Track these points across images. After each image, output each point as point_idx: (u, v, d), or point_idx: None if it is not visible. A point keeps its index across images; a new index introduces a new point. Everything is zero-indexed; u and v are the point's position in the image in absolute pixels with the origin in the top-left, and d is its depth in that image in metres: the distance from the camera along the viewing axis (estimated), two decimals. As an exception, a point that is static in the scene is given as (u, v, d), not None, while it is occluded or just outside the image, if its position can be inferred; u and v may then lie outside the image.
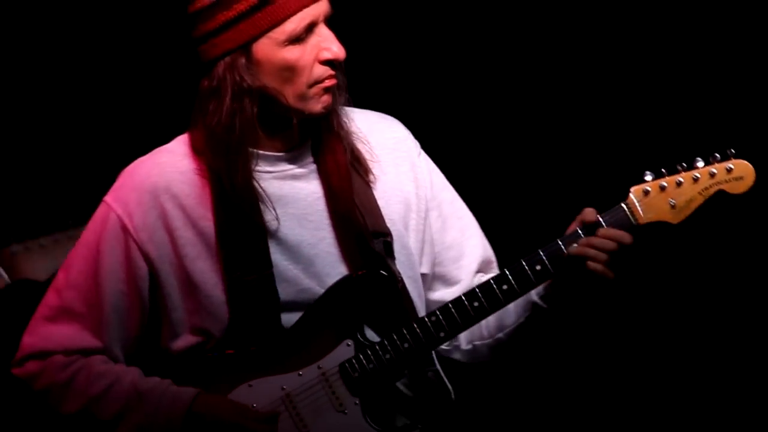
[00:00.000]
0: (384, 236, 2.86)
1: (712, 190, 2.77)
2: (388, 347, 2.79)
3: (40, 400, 2.84)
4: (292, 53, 2.75)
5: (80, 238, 2.86)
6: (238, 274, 2.79)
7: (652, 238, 2.88)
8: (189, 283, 2.81)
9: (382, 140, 2.94)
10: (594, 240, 2.75)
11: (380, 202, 2.89)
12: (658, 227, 2.80)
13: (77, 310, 2.83)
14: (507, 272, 2.79)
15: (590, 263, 2.73)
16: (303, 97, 2.78)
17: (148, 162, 2.85)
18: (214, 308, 2.80)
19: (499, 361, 2.96)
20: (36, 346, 2.85)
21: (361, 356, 2.79)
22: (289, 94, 2.77)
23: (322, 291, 2.81)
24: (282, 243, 2.83)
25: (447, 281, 2.97)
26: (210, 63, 2.78)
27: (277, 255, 2.82)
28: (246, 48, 2.75)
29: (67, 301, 2.84)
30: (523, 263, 2.79)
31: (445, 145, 3.49)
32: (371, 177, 2.89)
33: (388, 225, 2.87)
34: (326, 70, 2.77)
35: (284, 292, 2.81)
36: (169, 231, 2.81)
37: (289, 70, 2.76)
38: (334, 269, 2.84)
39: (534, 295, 2.83)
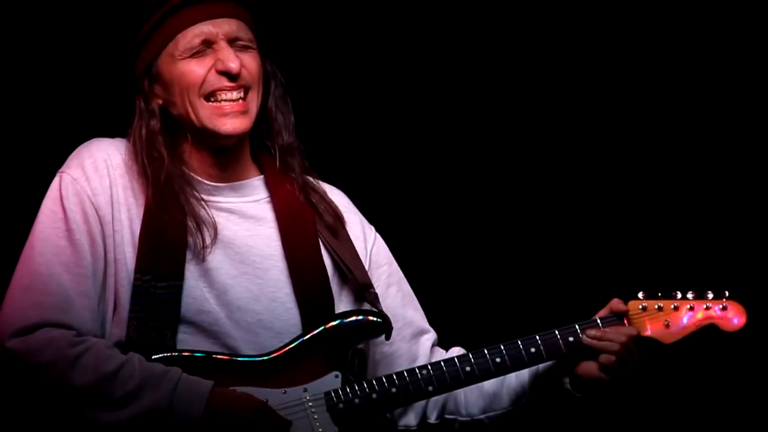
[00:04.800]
0: (370, 288, 3.05)
1: (705, 322, 2.96)
2: (376, 388, 2.94)
3: (38, 375, 2.76)
4: (187, 65, 2.96)
5: (39, 214, 2.90)
6: (148, 278, 2.88)
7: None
8: (110, 265, 2.90)
9: (339, 203, 3.12)
10: (609, 332, 2.93)
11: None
12: (649, 345, 2.98)
13: (63, 276, 2.85)
14: (502, 347, 2.98)
15: (604, 356, 2.92)
16: (203, 111, 2.94)
17: (104, 141, 2.99)
18: (120, 302, 2.89)
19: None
20: (30, 318, 2.79)
21: (348, 390, 2.92)
22: (190, 107, 2.95)
23: (226, 319, 2.91)
24: (203, 265, 2.93)
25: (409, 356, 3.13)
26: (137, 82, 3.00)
27: (193, 273, 2.92)
28: (149, 68, 2.97)
29: (51, 268, 2.85)
30: (519, 343, 2.97)
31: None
32: (345, 231, 3.09)
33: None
34: (221, 80, 2.95)
35: (187, 308, 2.90)
36: (115, 204, 2.92)
37: (185, 79, 2.95)
38: (259, 309, 2.95)
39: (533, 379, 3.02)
